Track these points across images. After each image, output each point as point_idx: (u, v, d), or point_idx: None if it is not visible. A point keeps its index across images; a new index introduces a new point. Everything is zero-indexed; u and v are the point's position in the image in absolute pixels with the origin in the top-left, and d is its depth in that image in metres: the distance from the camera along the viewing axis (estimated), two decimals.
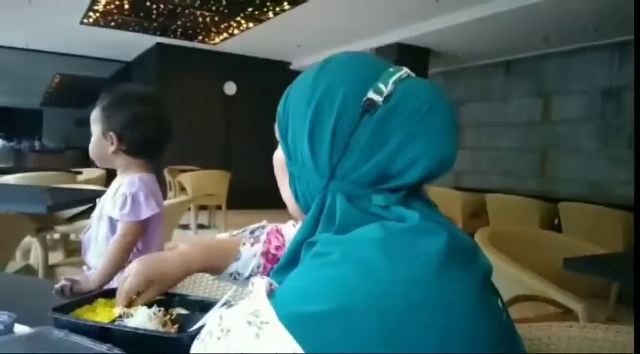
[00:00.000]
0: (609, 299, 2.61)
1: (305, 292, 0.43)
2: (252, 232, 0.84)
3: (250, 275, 0.79)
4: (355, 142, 0.50)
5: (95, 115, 1.26)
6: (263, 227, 0.84)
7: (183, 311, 0.79)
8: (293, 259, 0.54)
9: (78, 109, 13.33)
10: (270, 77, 7.71)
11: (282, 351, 0.40)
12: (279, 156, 0.60)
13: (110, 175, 1.52)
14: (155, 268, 0.76)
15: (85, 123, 1.31)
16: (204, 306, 0.78)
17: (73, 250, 2.51)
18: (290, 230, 0.83)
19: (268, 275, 0.77)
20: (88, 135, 1.28)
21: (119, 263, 1.16)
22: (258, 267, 0.80)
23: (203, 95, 7.57)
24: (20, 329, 0.72)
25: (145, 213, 1.21)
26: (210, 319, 0.50)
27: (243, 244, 0.82)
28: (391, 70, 0.53)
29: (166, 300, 0.81)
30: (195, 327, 0.72)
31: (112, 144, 1.25)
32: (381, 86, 0.51)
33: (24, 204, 2.13)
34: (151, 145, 1.29)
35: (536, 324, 0.81)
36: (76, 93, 11.63)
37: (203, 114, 7.51)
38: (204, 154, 7.22)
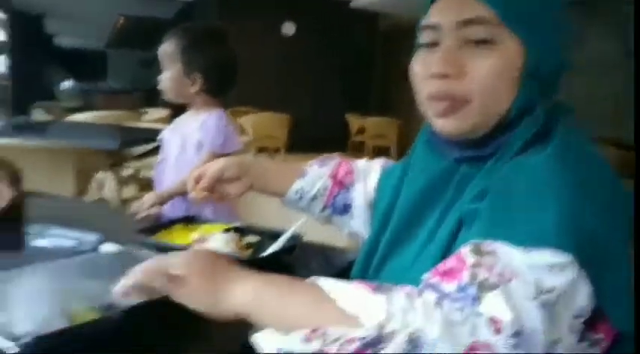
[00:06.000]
0: None
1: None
2: (321, 161, 0.82)
3: (315, 196, 0.76)
4: None
5: (171, 53, 1.26)
6: (333, 159, 0.82)
7: (254, 238, 0.83)
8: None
9: (142, 51, 13.62)
10: (329, 17, 7.46)
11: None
12: (503, 59, 0.51)
13: (175, 114, 1.56)
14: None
15: (149, 64, 1.33)
16: (273, 234, 0.82)
17: (144, 185, 2.66)
18: (362, 164, 0.80)
19: (338, 196, 0.76)
20: (153, 76, 1.31)
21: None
22: (324, 189, 0.77)
23: (261, 35, 7.48)
24: (107, 248, 0.79)
25: (233, 147, 1.27)
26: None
27: (310, 165, 0.80)
28: None
29: (238, 229, 0.86)
30: (267, 253, 0.76)
31: (195, 84, 1.26)
32: None
33: (98, 140, 2.26)
34: (230, 84, 1.32)
35: None
36: (140, 34, 11.84)
37: (262, 55, 7.47)
38: (263, 97, 7.25)
